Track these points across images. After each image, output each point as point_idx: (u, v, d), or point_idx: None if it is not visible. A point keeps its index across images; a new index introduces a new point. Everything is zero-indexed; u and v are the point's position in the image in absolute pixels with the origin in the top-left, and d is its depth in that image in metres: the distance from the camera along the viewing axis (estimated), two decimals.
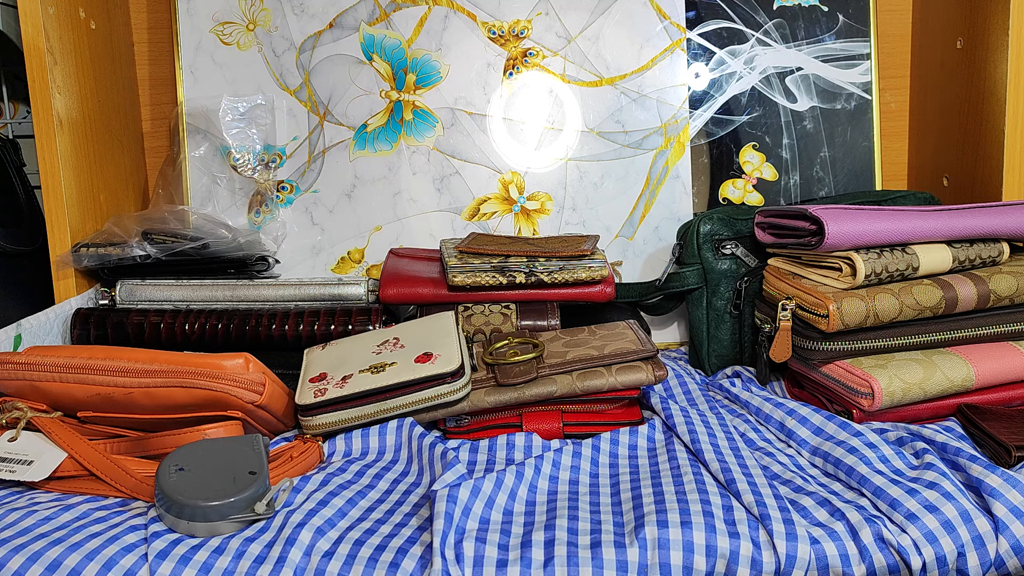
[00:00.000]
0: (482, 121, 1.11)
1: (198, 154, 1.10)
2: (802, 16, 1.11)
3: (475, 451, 0.76)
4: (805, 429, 0.76)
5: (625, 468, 0.72)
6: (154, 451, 0.71)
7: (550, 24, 1.11)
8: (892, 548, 0.60)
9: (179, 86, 1.10)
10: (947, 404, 0.79)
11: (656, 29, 1.11)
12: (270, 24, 1.10)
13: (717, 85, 1.11)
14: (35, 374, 0.72)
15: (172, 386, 0.71)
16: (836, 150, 1.12)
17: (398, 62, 1.10)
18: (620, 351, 0.80)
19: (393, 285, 0.93)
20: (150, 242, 0.96)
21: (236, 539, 0.60)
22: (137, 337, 0.92)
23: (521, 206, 1.11)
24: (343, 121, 1.11)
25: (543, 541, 0.60)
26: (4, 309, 0.95)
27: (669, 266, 1.01)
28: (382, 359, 0.79)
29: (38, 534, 0.60)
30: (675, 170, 1.11)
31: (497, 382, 0.78)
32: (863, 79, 1.11)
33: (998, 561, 0.61)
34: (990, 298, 0.81)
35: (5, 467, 0.68)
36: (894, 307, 0.80)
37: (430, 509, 0.62)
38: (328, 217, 1.11)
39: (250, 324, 0.91)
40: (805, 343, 0.82)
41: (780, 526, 0.60)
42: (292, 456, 0.71)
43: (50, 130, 0.93)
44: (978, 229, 0.84)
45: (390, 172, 1.11)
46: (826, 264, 0.84)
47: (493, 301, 0.92)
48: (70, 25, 0.97)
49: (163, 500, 0.61)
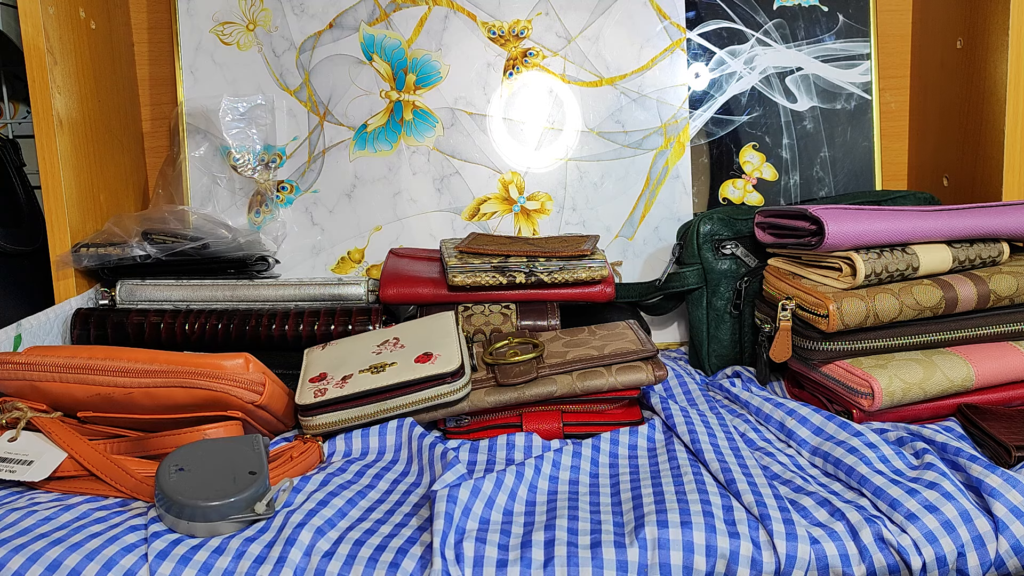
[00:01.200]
0: (482, 121, 1.11)
1: (198, 154, 1.10)
2: (802, 16, 1.11)
3: (475, 451, 0.76)
4: (805, 429, 0.76)
5: (625, 468, 0.72)
6: (154, 451, 0.71)
7: (550, 24, 1.11)
8: (892, 548, 0.60)
9: (179, 86, 1.10)
10: (947, 404, 0.79)
11: (656, 29, 1.11)
12: (270, 24, 1.10)
13: (717, 85, 1.11)
14: (35, 374, 0.72)
15: (172, 386, 0.71)
16: (836, 150, 1.12)
17: (398, 62, 1.10)
18: (620, 351, 0.80)
19: (393, 285, 0.93)
20: (150, 242, 0.96)
21: (236, 539, 0.60)
22: (137, 337, 0.91)
23: (521, 206, 1.11)
24: (343, 121, 1.11)
25: (543, 541, 0.60)
26: (4, 309, 0.95)
27: (669, 266, 1.01)
28: (382, 359, 0.79)
29: (38, 534, 0.60)
30: (675, 170, 1.11)
31: (497, 382, 0.78)
32: (863, 79, 1.11)
33: (998, 561, 0.61)
34: (990, 298, 0.81)
35: (5, 467, 0.68)
36: (894, 307, 0.80)
37: (430, 509, 0.62)
38: (328, 217, 1.11)
39: (250, 324, 0.91)
40: (805, 343, 0.82)
41: (780, 526, 0.60)
42: (292, 456, 0.71)
43: (50, 130, 0.93)
44: (978, 229, 0.84)
45: (390, 172, 1.11)
46: (826, 264, 0.84)
47: (493, 301, 0.92)
48: (70, 25, 0.97)
49: (163, 500, 0.61)
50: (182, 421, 0.72)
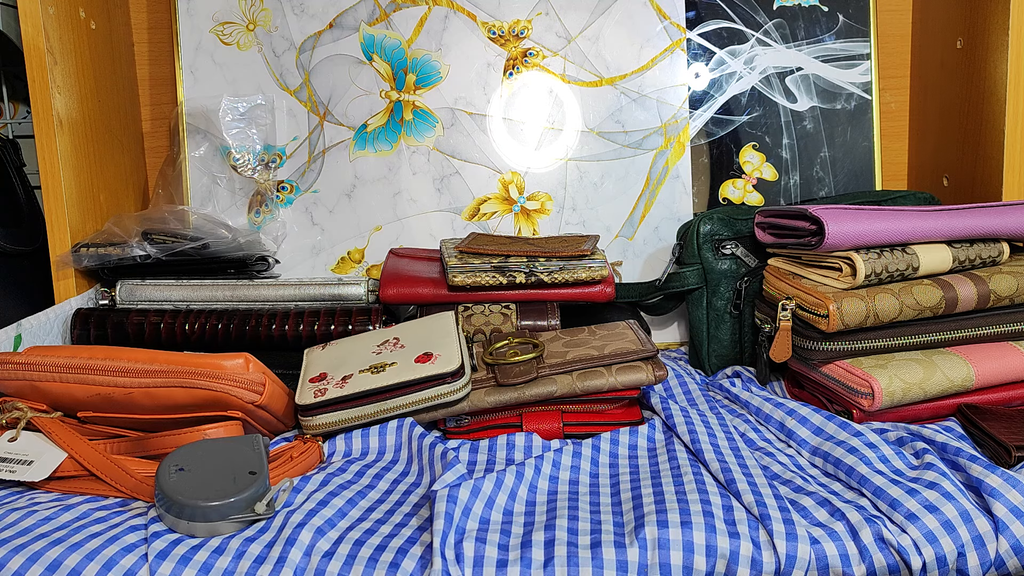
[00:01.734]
0: (482, 121, 1.11)
1: (198, 154, 1.10)
2: (802, 16, 1.11)
3: (475, 451, 0.76)
4: (805, 429, 0.76)
5: (625, 468, 0.72)
6: (154, 451, 0.71)
7: (550, 24, 1.11)
8: (892, 548, 0.60)
9: (179, 86, 1.10)
10: (947, 404, 0.79)
11: (656, 29, 1.11)
12: (270, 24, 1.10)
13: (717, 85, 1.11)
14: (35, 374, 0.72)
15: (172, 386, 0.71)
16: (836, 150, 1.12)
17: (398, 62, 1.10)
18: (620, 351, 0.80)
19: (393, 285, 0.93)
20: (150, 242, 0.96)
21: (236, 539, 0.60)
22: (137, 337, 0.91)
23: (521, 206, 1.11)
24: (343, 121, 1.11)
25: (543, 541, 0.60)
26: (4, 309, 0.95)
27: (669, 266, 1.01)
28: (382, 359, 0.79)
29: (38, 534, 0.60)
30: (675, 170, 1.11)
31: (497, 382, 0.78)
32: (863, 79, 1.11)
33: (998, 561, 0.61)
34: (990, 298, 0.81)
35: (5, 467, 0.68)
36: (894, 307, 0.80)
37: (430, 509, 0.62)
38: (328, 217, 1.11)
39: (250, 324, 0.91)
40: (805, 343, 0.82)
41: (780, 526, 0.60)
42: (292, 456, 0.71)
43: (50, 130, 0.93)
44: (978, 229, 0.84)
45: (390, 172, 1.11)
46: (826, 264, 0.84)
47: (493, 301, 0.92)
48: (70, 25, 0.97)
49: (163, 500, 0.61)
50: (182, 421, 0.72)
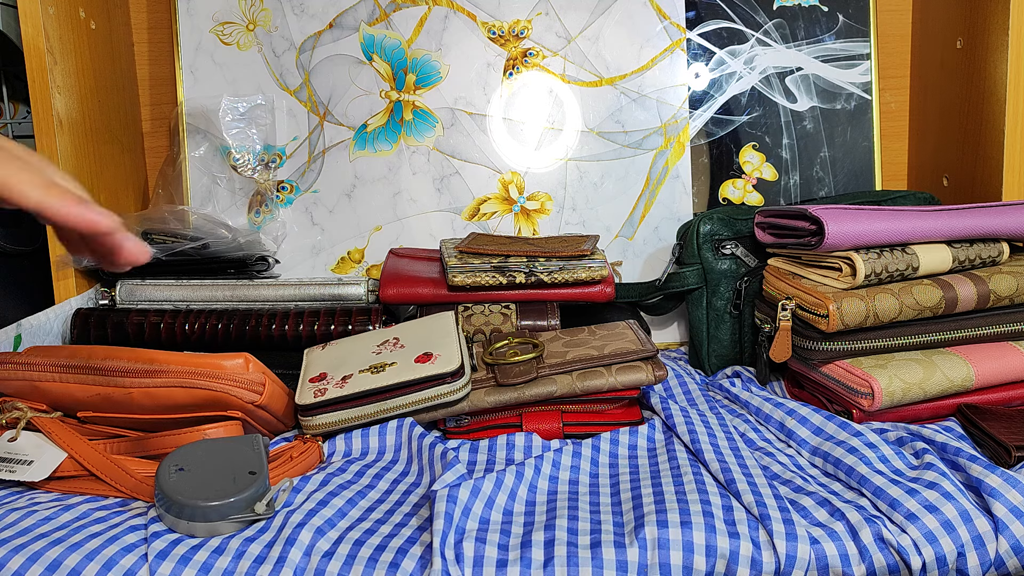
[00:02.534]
0: (482, 121, 1.11)
1: (198, 154, 1.10)
2: (802, 16, 1.11)
3: (475, 451, 0.76)
4: (805, 429, 0.76)
5: (625, 468, 0.72)
6: (154, 451, 0.71)
7: (550, 24, 1.11)
8: (892, 548, 0.60)
9: (179, 86, 1.10)
10: (947, 404, 0.79)
11: (656, 29, 1.11)
12: (270, 24, 1.10)
13: (717, 85, 1.11)
14: (35, 374, 0.72)
15: (172, 386, 0.71)
16: (836, 150, 1.12)
17: (398, 62, 1.10)
18: (620, 351, 0.80)
19: (393, 285, 0.92)
20: (150, 242, 0.96)
21: (236, 539, 0.60)
22: (137, 337, 0.91)
23: (521, 206, 1.11)
24: (343, 121, 1.11)
25: (543, 541, 0.60)
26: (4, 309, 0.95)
27: (669, 266, 1.01)
28: (382, 359, 0.79)
29: (38, 534, 0.60)
30: (675, 170, 1.11)
31: (497, 382, 0.78)
32: (863, 79, 1.11)
33: (998, 561, 0.61)
34: (990, 298, 0.81)
35: (5, 467, 0.67)
36: (894, 307, 0.80)
37: (430, 509, 0.62)
38: (328, 217, 1.11)
39: (250, 324, 0.91)
40: (805, 343, 0.82)
41: (780, 526, 0.60)
42: (292, 456, 0.71)
43: (50, 130, 0.92)
44: (978, 229, 0.84)
45: (390, 172, 1.11)
46: (826, 264, 0.84)
47: (493, 301, 0.92)
48: (70, 25, 0.97)
49: (163, 500, 0.61)
50: (182, 421, 0.72)
